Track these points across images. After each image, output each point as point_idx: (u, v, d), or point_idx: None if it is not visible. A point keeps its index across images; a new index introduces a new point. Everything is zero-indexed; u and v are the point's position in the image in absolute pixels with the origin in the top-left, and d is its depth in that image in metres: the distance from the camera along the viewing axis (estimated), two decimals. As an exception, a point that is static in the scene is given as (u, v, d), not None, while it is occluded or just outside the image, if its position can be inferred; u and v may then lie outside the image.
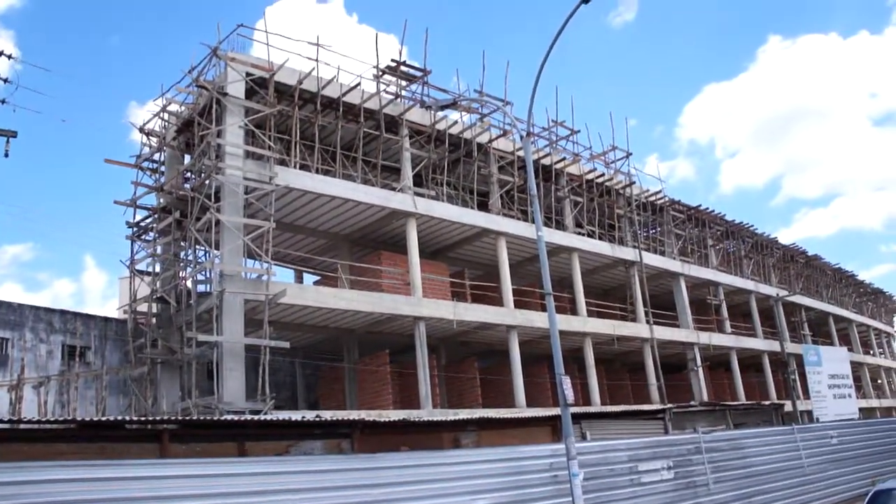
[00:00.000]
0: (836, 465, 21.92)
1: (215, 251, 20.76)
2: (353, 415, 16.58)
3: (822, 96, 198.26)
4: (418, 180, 26.78)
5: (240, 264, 20.65)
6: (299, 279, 30.82)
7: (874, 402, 54.82)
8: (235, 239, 20.01)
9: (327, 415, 16.03)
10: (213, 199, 20.15)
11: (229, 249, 20.09)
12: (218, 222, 19.98)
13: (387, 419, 15.71)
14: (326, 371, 27.71)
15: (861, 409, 43.63)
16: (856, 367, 51.26)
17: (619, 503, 14.42)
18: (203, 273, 22.34)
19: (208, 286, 22.01)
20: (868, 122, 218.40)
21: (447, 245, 29.02)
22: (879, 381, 63.61)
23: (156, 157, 24.46)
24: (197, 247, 22.48)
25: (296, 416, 15.03)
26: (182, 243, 23.00)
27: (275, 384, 20.89)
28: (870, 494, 8.46)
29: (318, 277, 29.61)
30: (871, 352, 63.61)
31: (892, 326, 73.45)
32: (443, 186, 27.40)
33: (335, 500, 10.51)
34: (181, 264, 23.36)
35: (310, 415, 15.54)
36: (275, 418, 14.21)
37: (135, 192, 23.34)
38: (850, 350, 51.93)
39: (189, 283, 22.66)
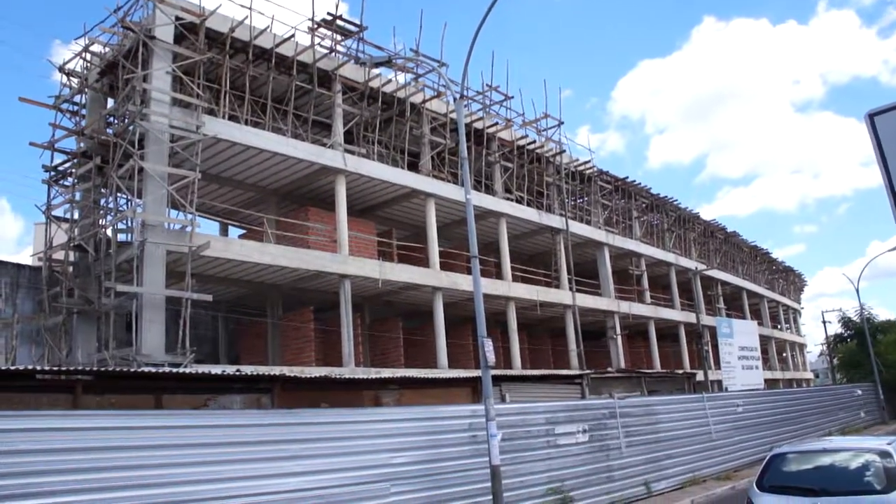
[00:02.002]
0: (740, 432, 22.96)
1: (137, 200, 20.15)
2: (275, 370, 16.49)
3: (749, 79, 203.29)
4: (349, 137, 26.48)
5: (163, 214, 20.13)
6: (224, 232, 30.27)
7: (778, 374, 57.37)
8: (159, 188, 19.49)
9: (247, 369, 15.91)
10: (136, 146, 19.50)
11: (152, 199, 19.55)
12: (141, 170, 19.39)
13: (308, 376, 15.67)
14: (249, 326, 27.42)
15: (766, 381, 45.63)
16: (764, 340, 53.44)
17: (535, 463, 14.79)
18: (124, 222, 21.68)
19: (129, 236, 21.39)
20: (791, 107, 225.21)
21: (376, 204, 28.87)
22: (784, 355, 66.49)
23: (77, 99, 23.50)
24: (118, 194, 21.76)
25: (216, 370, 14.87)
26: (102, 190, 22.23)
27: (196, 338, 20.57)
28: (767, 458, 8.87)
29: (243, 231, 29.11)
30: (779, 327, 66.33)
31: (800, 303, 76.57)
32: (374, 145, 27.17)
33: (253, 455, 10.47)
34: (101, 212, 22.60)
35: (230, 369, 15.38)
36: (193, 371, 14.04)
37: (53, 135, 22.37)
38: (760, 324, 54.07)
39: (109, 232, 21.97)
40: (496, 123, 32.76)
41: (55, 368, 12.48)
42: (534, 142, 34.80)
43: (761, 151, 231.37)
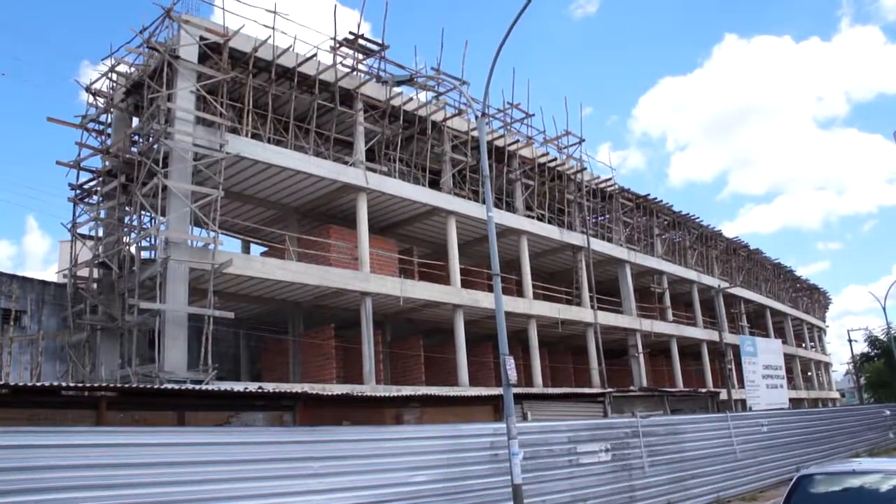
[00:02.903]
0: (765, 452, 22.60)
1: (161, 217, 20.35)
2: (296, 388, 16.51)
3: (771, 96, 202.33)
4: (371, 155, 26.62)
5: (186, 232, 20.31)
6: (246, 250, 30.45)
7: (803, 394, 56.66)
8: (182, 206, 19.66)
9: (270, 387, 15.94)
10: (160, 165, 19.72)
11: (175, 216, 19.73)
12: (165, 188, 19.58)
13: (330, 393, 15.67)
14: (271, 343, 27.50)
15: (791, 400, 45.08)
16: (789, 359, 52.83)
17: (558, 482, 14.65)
18: (147, 239, 21.90)
19: (152, 253, 21.61)
20: (813, 124, 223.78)
21: (397, 222, 28.95)
22: (809, 374, 65.72)
23: (102, 118, 23.81)
24: (142, 212, 22.03)
25: (238, 387, 14.91)
26: (127, 208, 22.48)
27: (218, 355, 20.65)
28: (794, 479, 8.71)
29: (265, 248, 29.29)
30: (804, 345, 65.57)
31: (824, 322, 75.74)
32: (395, 163, 27.27)
33: (275, 473, 10.45)
34: (125, 229, 22.83)
35: (252, 386, 15.42)
36: (216, 388, 14.07)
37: (79, 154, 22.69)
38: (785, 342, 53.47)
39: (133, 249, 22.19)
40: (517, 141, 32.80)
41: (80, 385, 12.56)
42: (555, 159, 34.79)
43: (784, 168, 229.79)
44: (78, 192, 23.16)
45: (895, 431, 36.79)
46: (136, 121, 23.80)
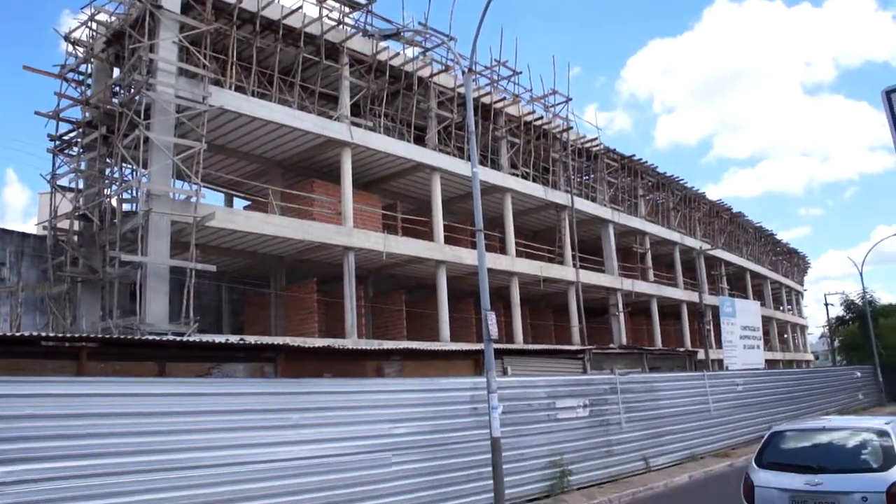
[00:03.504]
0: (739, 410, 23.06)
1: (143, 170, 20.20)
2: (279, 340, 16.59)
3: (760, 61, 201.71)
4: (356, 110, 26.42)
5: (168, 185, 20.16)
6: (229, 203, 30.31)
7: (779, 355, 57.51)
8: (164, 158, 19.49)
9: (251, 339, 16.01)
10: (142, 116, 19.48)
11: (157, 169, 19.58)
12: (146, 140, 19.39)
13: (311, 346, 15.77)
14: (253, 297, 27.53)
15: (767, 361, 45.78)
16: (766, 321, 53.50)
17: (536, 437, 14.87)
18: (129, 192, 21.75)
19: (134, 205, 21.46)
20: (800, 89, 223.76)
21: (381, 177, 28.86)
22: (786, 336, 66.63)
23: (82, 68, 23.44)
24: (123, 164, 21.83)
25: (219, 339, 14.96)
26: (108, 160, 22.27)
27: (199, 308, 20.69)
28: (766, 435, 8.94)
29: (248, 202, 29.17)
30: (782, 308, 66.38)
31: (803, 285, 76.57)
32: (380, 118, 27.09)
33: (255, 424, 10.55)
34: (106, 181, 22.65)
35: (233, 339, 15.49)
36: (197, 339, 14.11)
37: (58, 104, 22.36)
38: (763, 305, 54.11)
39: (114, 202, 22.03)
40: (504, 99, 32.64)
41: (60, 335, 12.58)
42: (541, 118, 34.68)
43: (769, 133, 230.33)
44: (58, 143, 22.88)
45: (864, 392, 37.55)
46: (116, 71, 23.45)
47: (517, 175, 32.68)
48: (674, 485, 16.41)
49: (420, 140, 28.68)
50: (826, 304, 54.28)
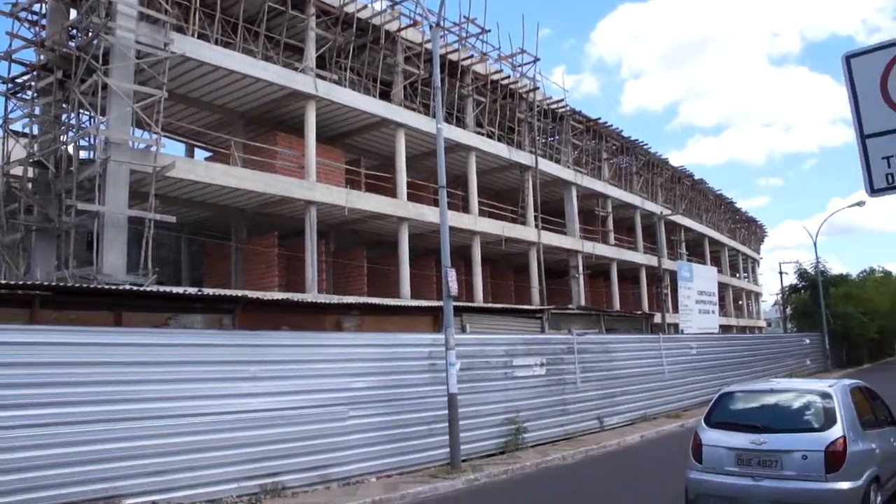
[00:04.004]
0: (692, 373, 23.55)
1: (101, 117, 19.72)
2: (237, 292, 16.52)
3: (727, 29, 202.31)
4: (321, 63, 26.03)
5: (127, 133, 19.71)
6: (190, 153, 29.83)
7: (733, 321, 58.74)
8: (124, 106, 19.05)
9: (210, 291, 15.90)
10: (100, 61, 18.95)
11: (116, 116, 19.13)
12: (105, 86, 18.90)
13: (270, 298, 15.73)
14: (213, 250, 27.28)
15: (721, 326, 46.70)
16: (722, 287, 54.43)
17: (492, 394, 15.07)
18: (86, 139, 21.25)
19: (91, 153, 21.00)
20: (766, 60, 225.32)
21: (345, 132, 28.60)
22: (740, 302, 67.98)
23: (36, 7, 22.63)
24: (80, 111, 21.23)
25: (177, 290, 14.83)
26: (64, 105, 21.66)
27: (158, 260, 20.45)
28: (716, 395, 9.19)
29: (210, 153, 28.72)
30: (738, 275, 67.58)
31: (759, 254, 77.93)
32: (346, 72, 26.74)
33: (213, 375, 10.56)
34: (62, 128, 22.07)
35: (192, 291, 15.36)
36: (154, 289, 13.98)
37: (10, 45, 21.63)
38: (720, 271, 55.00)
39: (70, 149, 21.53)
40: (471, 56, 32.37)
41: (12, 283, 12.38)
42: (508, 77, 34.52)
43: (734, 103, 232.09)
44: (10, 86, 22.17)
45: (812, 359, 38.59)
46: (73, 13, 22.73)
47: (482, 134, 32.59)
48: (626, 444, 16.76)
49: (386, 95, 28.41)
50: (780, 273, 55.30)
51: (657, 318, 37.59)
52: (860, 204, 43.86)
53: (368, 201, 25.96)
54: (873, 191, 4.75)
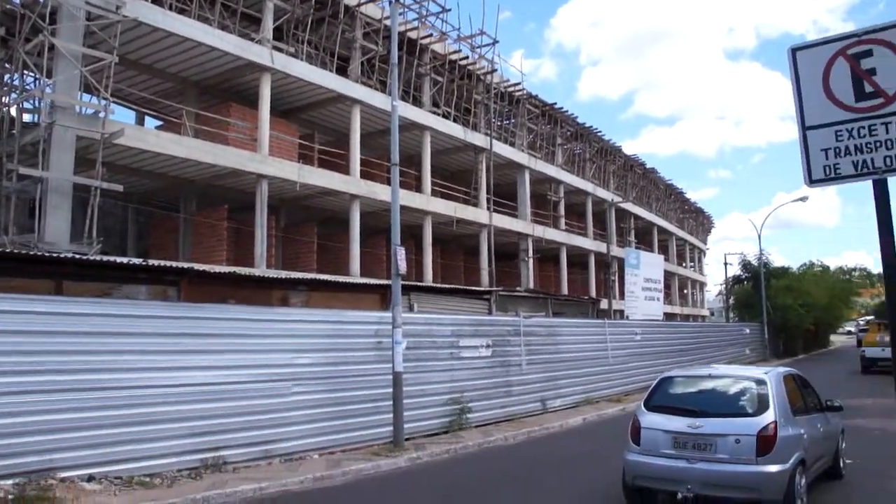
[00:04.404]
0: (635, 359, 24.00)
1: (47, 79, 19.20)
2: (184, 264, 16.27)
3: (686, 22, 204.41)
4: (278, 35, 25.66)
5: (74, 97, 19.18)
6: (140, 122, 29.17)
7: (677, 309, 59.89)
8: (71, 69, 18.53)
9: (155, 262, 15.67)
10: (47, 21, 18.33)
11: (63, 79, 18.60)
12: (52, 48, 18.38)
13: (216, 270, 15.57)
14: (161, 221, 26.80)
15: (666, 314, 47.59)
16: (669, 275, 55.41)
17: (438, 373, 15.19)
18: (31, 101, 20.69)
19: (36, 117, 20.45)
20: (722, 54, 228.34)
21: (300, 106, 28.29)
22: (686, 291, 69.27)
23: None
24: (25, 72, 20.64)
25: (122, 260, 14.60)
26: (7, 65, 21.02)
27: (103, 229, 20.01)
28: (656, 380, 9.44)
29: (160, 122, 28.16)
30: (684, 264, 68.83)
31: (706, 244, 79.44)
32: (303, 45, 26.39)
33: (157, 347, 10.45)
34: (4, 88, 21.43)
35: (137, 261, 15.13)
36: (97, 258, 13.73)
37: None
38: (667, 260, 55.94)
39: (13, 111, 20.92)
40: (430, 35, 32.21)
41: (-49, 246, 12.05)
42: (466, 58, 34.44)
43: (689, 95, 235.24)
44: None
45: (751, 348, 39.61)
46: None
47: (438, 114, 32.52)
48: (568, 426, 17.05)
49: (342, 71, 28.14)
50: (725, 263, 56.52)
51: (604, 304, 38.14)
52: (804, 199, 45.18)
53: (321, 177, 25.77)
54: (812, 181, 4.92)
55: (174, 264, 15.96)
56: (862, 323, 53.90)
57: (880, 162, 4.64)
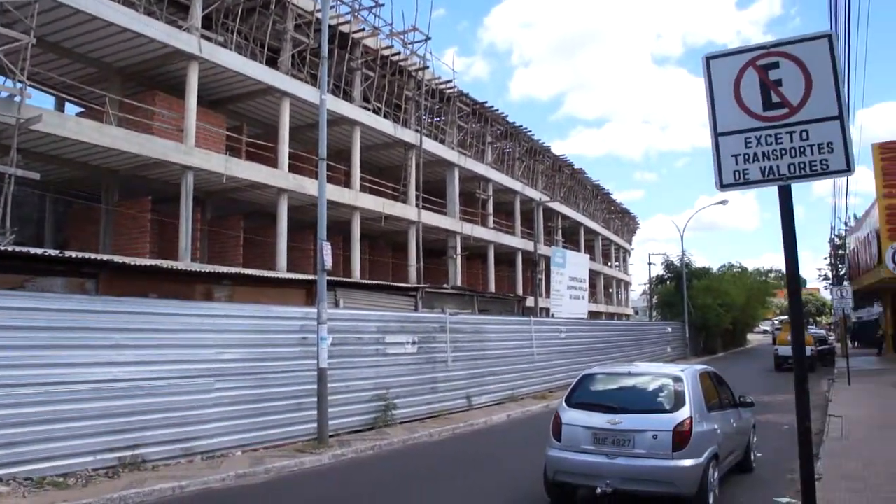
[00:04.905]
0: (560, 356, 24.38)
1: (-42, 59, 18.40)
2: (103, 256, 15.82)
3: (616, 26, 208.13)
4: (207, 23, 25.14)
5: (-12, 79, 18.49)
6: (60, 107, 28.17)
7: (602, 308, 61.04)
8: (-16, 49, 17.81)
9: (72, 254, 15.19)
10: (-41, -3, 17.63)
11: (-25, 60, 17.87)
12: (-36, 25, 17.62)
13: (137, 263, 15.18)
14: (81, 211, 25.98)
15: (591, 312, 48.49)
16: (594, 275, 56.46)
17: (363, 370, 15.16)
18: (-60, 81, 19.78)
19: (-56, 97, 19.55)
20: (650, 59, 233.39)
21: (229, 97, 27.77)
22: (611, 290, 70.69)
23: None
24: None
25: (36, 251, 14.09)
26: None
27: (18, 219, 19.30)
28: (577, 378, 9.64)
29: (82, 109, 27.28)
30: (610, 264, 70.23)
31: (631, 244, 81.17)
32: (233, 34, 25.91)
33: (74, 342, 10.13)
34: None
35: (52, 252, 14.62)
36: (9, 249, 13.24)
37: None
38: (593, 259, 56.96)
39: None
40: (363, 30, 32.03)
41: None
42: (398, 53, 34.38)
43: (617, 98, 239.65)
44: None
45: (673, 346, 40.69)
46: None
47: (368, 109, 32.36)
48: (493, 422, 17.22)
49: (273, 63, 27.73)
50: (649, 264, 58.04)
51: (530, 302, 38.59)
52: (724, 202, 46.44)
53: (248, 170, 25.36)
54: (722, 185, 5.09)
55: (93, 256, 15.48)
56: (776, 322, 56.00)
57: (785, 169, 4.84)
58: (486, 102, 42.27)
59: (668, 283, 56.68)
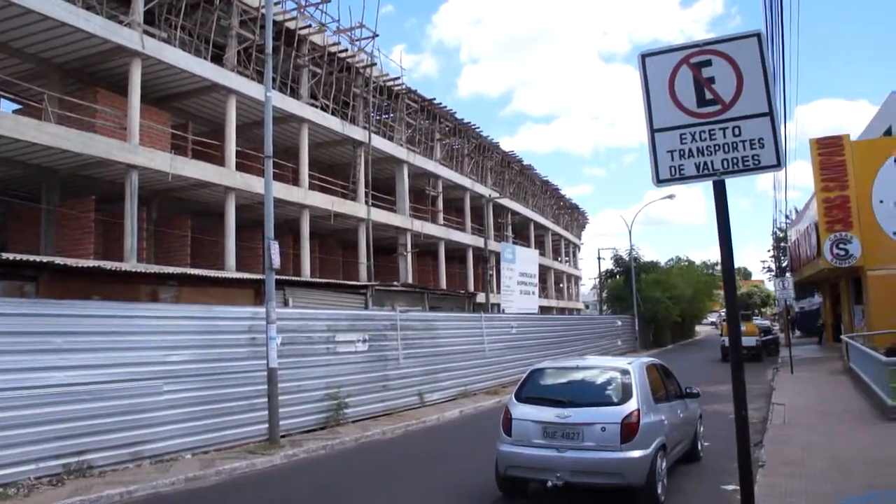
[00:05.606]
0: (511, 352, 24.50)
1: None
2: (43, 258, 15.41)
3: (563, 23, 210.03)
4: (150, 18, 24.66)
5: (-80, 76, 17.87)
6: (-4, 105, 27.41)
7: (553, 303, 61.60)
8: (-84, 45, 17.21)
9: (10, 256, 14.77)
10: None
11: None
12: None
13: (79, 265, 14.82)
14: (20, 212, 25.26)
15: (541, 307, 48.85)
16: (544, 270, 56.89)
17: (314, 369, 15.03)
18: None
19: None
20: (597, 56, 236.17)
21: (173, 94, 27.28)
22: (561, 285, 71.36)
23: None
24: None
25: (-25, 253, 13.68)
26: None
27: (-47, 219, 18.72)
28: (527, 372, 9.71)
29: (19, 106, 26.52)
30: (560, 259, 70.90)
31: (580, 239, 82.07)
32: (177, 30, 25.46)
33: (12, 347, 9.81)
34: None
35: (-8, 254, 14.20)
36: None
37: None
38: (543, 255, 57.40)
39: None
40: (309, 26, 31.78)
41: None
42: (346, 50, 34.18)
43: (565, 94, 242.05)
44: None
45: (623, 339, 41.23)
46: None
47: (316, 106, 32.12)
48: (445, 419, 17.23)
49: (218, 59, 27.32)
50: (598, 258, 58.58)
51: (481, 298, 38.74)
52: (671, 197, 47.32)
53: (194, 168, 24.96)
54: (659, 181, 5.16)
55: (32, 258, 15.06)
56: (723, 314, 56.96)
57: (719, 164, 4.94)
58: (434, 99, 42.36)
59: (617, 277, 57.35)
